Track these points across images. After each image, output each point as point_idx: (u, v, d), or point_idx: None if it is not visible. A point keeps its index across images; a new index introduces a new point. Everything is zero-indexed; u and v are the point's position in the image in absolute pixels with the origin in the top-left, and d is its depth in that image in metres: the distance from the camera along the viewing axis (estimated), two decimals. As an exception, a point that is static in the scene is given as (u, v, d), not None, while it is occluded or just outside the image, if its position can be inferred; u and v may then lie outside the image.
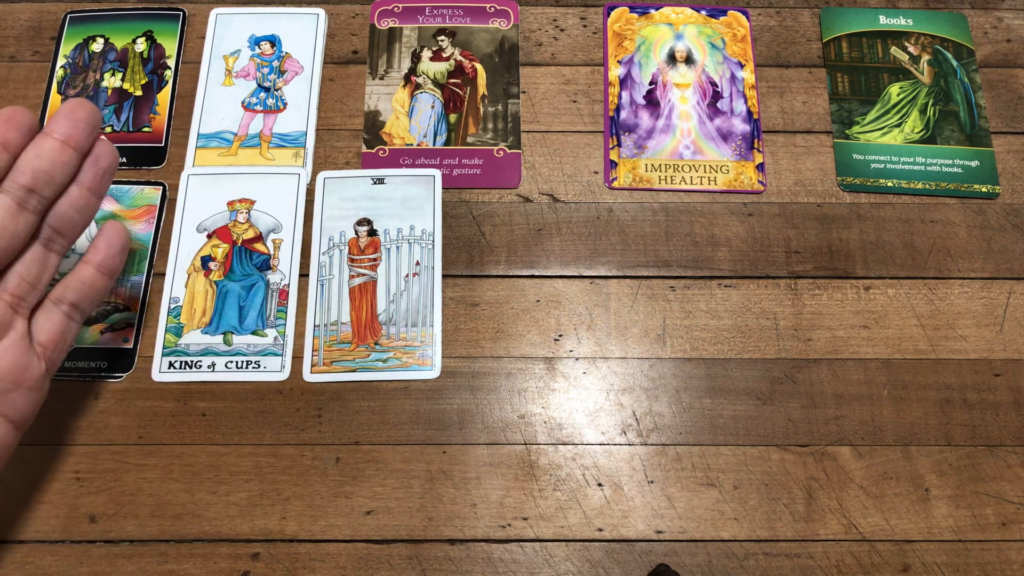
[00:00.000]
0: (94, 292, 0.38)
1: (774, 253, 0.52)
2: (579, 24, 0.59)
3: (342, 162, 0.54)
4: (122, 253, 0.38)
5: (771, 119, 0.56)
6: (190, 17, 0.59)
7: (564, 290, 0.51)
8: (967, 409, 0.48)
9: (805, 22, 0.59)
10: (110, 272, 0.38)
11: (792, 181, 0.54)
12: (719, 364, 0.49)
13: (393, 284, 0.51)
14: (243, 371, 0.48)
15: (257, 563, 0.44)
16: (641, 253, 0.52)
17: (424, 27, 0.59)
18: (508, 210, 0.53)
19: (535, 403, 0.48)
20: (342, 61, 0.58)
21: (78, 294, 0.37)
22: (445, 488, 0.46)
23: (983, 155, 0.55)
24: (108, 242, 0.38)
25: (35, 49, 0.58)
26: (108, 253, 0.37)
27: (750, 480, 0.47)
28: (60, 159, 0.34)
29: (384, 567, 0.44)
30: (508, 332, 0.50)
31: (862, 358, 0.49)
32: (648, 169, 0.54)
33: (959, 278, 0.52)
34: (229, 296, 0.50)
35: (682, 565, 0.45)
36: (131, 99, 0.56)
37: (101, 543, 0.45)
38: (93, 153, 0.36)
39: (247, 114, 0.55)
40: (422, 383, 0.49)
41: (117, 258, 0.38)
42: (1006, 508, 0.46)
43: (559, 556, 0.45)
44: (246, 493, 0.46)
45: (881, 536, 0.46)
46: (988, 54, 0.58)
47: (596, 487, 0.46)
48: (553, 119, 0.56)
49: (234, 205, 0.53)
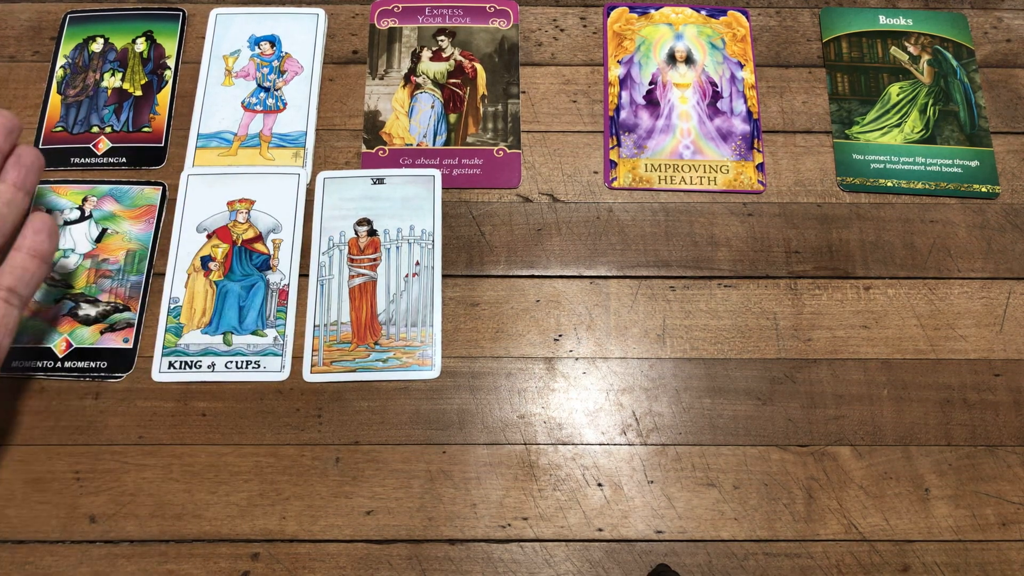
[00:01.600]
0: (28, 275, 0.40)
1: (774, 253, 0.52)
2: (579, 24, 0.59)
3: (342, 162, 0.54)
4: (51, 238, 0.40)
5: (771, 119, 0.56)
6: (190, 17, 0.59)
7: (564, 290, 0.51)
8: (967, 409, 0.48)
9: (805, 22, 0.59)
10: (42, 256, 0.40)
11: (792, 181, 0.54)
12: (719, 364, 0.49)
13: (393, 284, 0.51)
14: (243, 371, 0.48)
15: (257, 563, 0.44)
16: (641, 253, 0.52)
17: (424, 27, 0.59)
18: (508, 210, 0.53)
19: (535, 403, 0.48)
20: (342, 61, 0.58)
21: (13, 278, 0.39)
22: (445, 488, 0.46)
23: (983, 155, 0.55)
24: (35, 228, 0.40)
25: (35, 49, 0.58)
26: (36, 238, 0.40)
27: (750, 480, 0.47)
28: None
29: (384, 567, 0.44)
30: (508, 332, 0.50)
31: (862, 358, 0.49)
32: (648, 169, 0.54)
33: (959, 278, 0.52)
34: (229, 296, 0.50)
35: (682, 565, 0.45)
36: (131, 99, 0.56)
37: (101, 543, 0.45)
38: (15, 153, 0.39)
39: (247, 114, 0.55)
40: (422, 383, 0.49)
41: (46, 243, 0.40)
42: (1006, 508, 0.46)
43: (559, 556, 0.45)
44: (246, 493, 0.46)
45: (881, 536, 0.46)
46: (988, 54, 0.58)
47: (596, 487, 0.46)
48: (553, 119, 0.56)
49: (234, 205, 0.53)
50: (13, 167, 0.39)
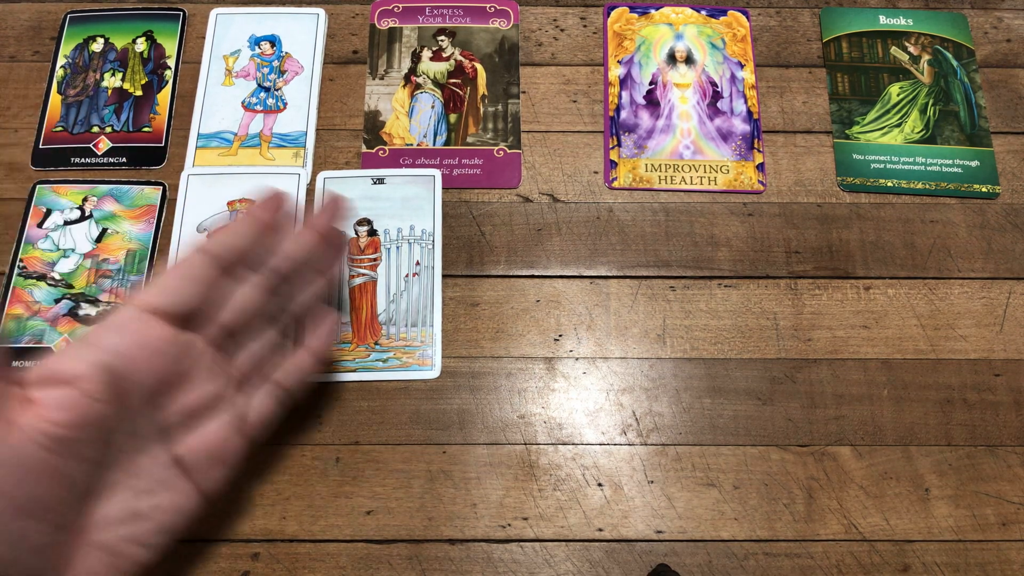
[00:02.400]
0: (303, 374, 0.39)
1: (774, 253, 0.52)
2: (579, 24, 0.59)
3: (342, 162, 0.54)
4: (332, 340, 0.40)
5: (771, 119, 0.56)
6: (190, 17, 0.59)
7: (564, 290, 0.51)
8: (967, 409, 0.48)
9: (805, 22, 0.59)
10: (320, 357, 0.40)
11: (792, 181, 0.54)
12: (719, 364, 0.49)
13: (393, 284, 0.51)
14: (243, 371, 0.48)
15: (257, 563, 0.44)
16: (641, 253, 0.52)
17: (424, 27, 0.59)
18: (508, 210, 0.53)
19: (535, 403, 0.48)
20: (342, 61, 0.58)
21: (291, 377, 0.39)
22: (445, 488, 0.46)
23: (983, 155, 0.55)
24: (329, 329, 0.40)
25: (35, 49, 0.58)
26: (327, 340, 0.39)
27: (750, 480, 0.47)
28: (316, 251, 0.36)
29: (384, 567, 0.44)
30: (508, 332, 0.50)
31: (862, 358, 0.49)
32: (648, 169, 0.54)
33: (959, 278, 0.52)
34: (229, 296, 0.50)
35: (682, 565, 0.45)
36: (131, 99, 0.56)
37: (101, 543, 0.45)
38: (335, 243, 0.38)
39: (247, 114, 0.55)
40: (422, 383, 0.49)
41: (329, 346, 0.40)
42: (1006, 508, 0.46)
43: (559, 556, 0.45)
44: (246, 493, 0.46)
45: (881, 536, 0.45)
46: (988, 54, 0.58)
47: (596, 487, 0.46)
48: (553, 119, 0.56)
49: (234, 205, 0.53)
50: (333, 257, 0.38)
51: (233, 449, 0.36)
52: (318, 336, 0.39)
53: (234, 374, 0.36)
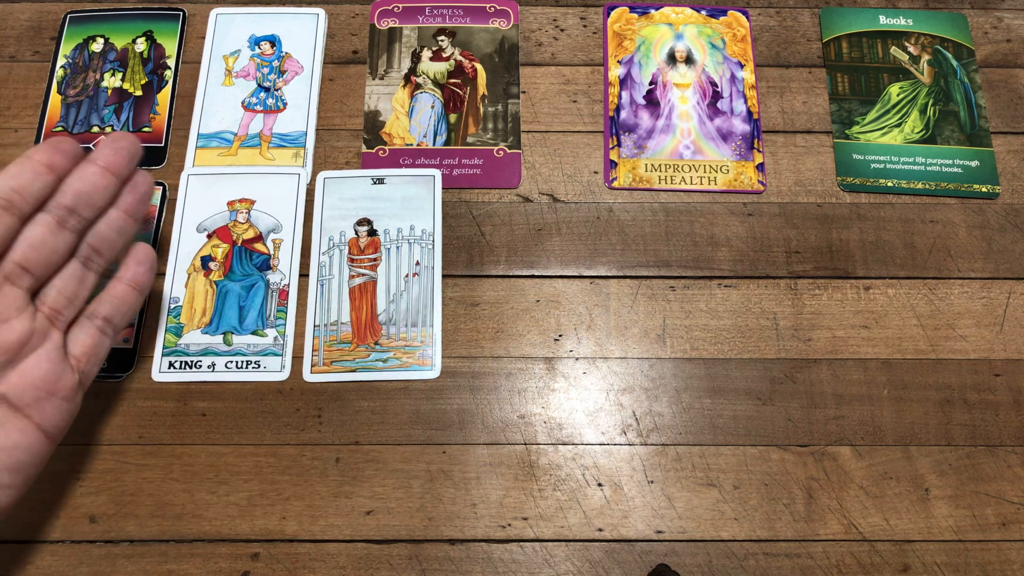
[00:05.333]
0: (125, 307, 0.40)
1: (774, 253, 0.52)
2: (579, 24, 0.59)
3: (342, 162, 0.54)
4: (150, 271, 0.40)
5: (771, 119, 0.56)
6: (190, 17, 0.59)
7: (564, 290, 0.51)
8: (967, 409, 0.48)
9: (805, 22, 0.59)
10: (140, 288, 0.40)
11: (792, 181, 0.54)
12: (719, 364, 0.49)
13: (393, 284, 0.51)
14: (243, 371, 0.48)
15: (257, 563, 0.44)
16: (641, 253, 0.52)
17: (424, 27, 0.59)
18: (508, 210, 0.53)
19: (535, 403, 0.48)
20: (342, 61, 0.58)
21: (111, 308, 0.39)
22: (445, 488, 0.46)
23: (983, 155, 0.55)
24: (137, 259, 0.40)
25: (35, 49, 0.58)
26: (138, 270, 0.40)
27: (750, 480, 0.47)
28: (100, 183, 0.37)
29: (384, 567, 0.44)
30: (508, 332, 0.50)
31: (862, 358, 0.49)
32: (648, 169, 0.54)
33: (959, 278, 0.52)
34: (229, 296, 0.50)
35: (682, 565, 0.45)
36: (131, 99, 0.56)
37: (101, 543, 0.45)
38: (132, 180, 0.39)
39: (247, 114, 0.55)
40: (422, 383, 0.49)
41: (146, 275, 0.40)
42: (1006, 508, 0.46)
43: (559, 556, 0.45)
44: (246, 493, 0.46)
45: (881, 536, 0.46)
46: (988, 54, 0.58)
47: (596, 487, 0.46)
48: (553, 119, 0.56)
49: (234, 205, 0.53)
50: (129, 192, 0.38)
51: (64, 383, 0.37)
52: (134, 268, 0.40)
53: (45, 310, 0.37)
